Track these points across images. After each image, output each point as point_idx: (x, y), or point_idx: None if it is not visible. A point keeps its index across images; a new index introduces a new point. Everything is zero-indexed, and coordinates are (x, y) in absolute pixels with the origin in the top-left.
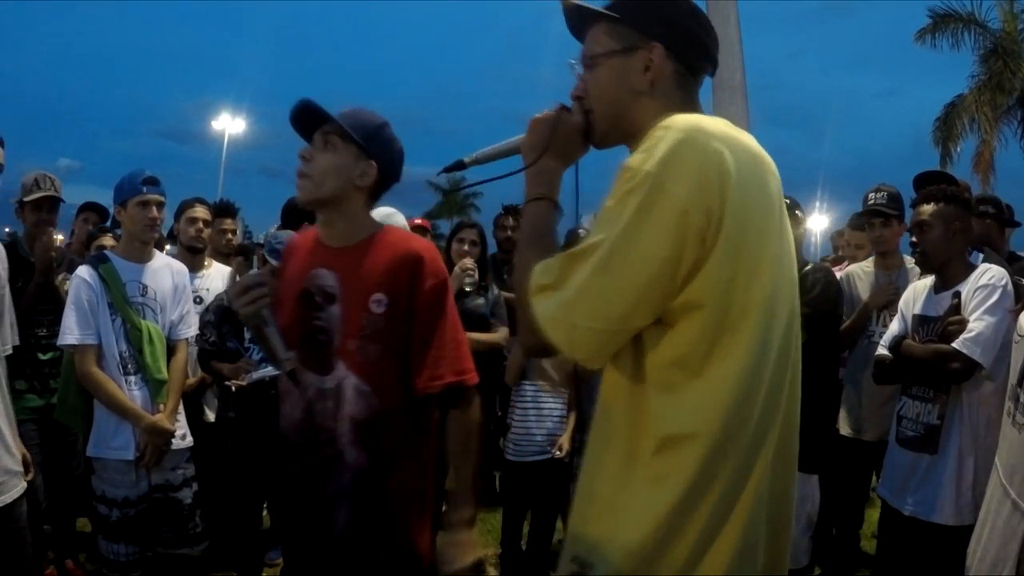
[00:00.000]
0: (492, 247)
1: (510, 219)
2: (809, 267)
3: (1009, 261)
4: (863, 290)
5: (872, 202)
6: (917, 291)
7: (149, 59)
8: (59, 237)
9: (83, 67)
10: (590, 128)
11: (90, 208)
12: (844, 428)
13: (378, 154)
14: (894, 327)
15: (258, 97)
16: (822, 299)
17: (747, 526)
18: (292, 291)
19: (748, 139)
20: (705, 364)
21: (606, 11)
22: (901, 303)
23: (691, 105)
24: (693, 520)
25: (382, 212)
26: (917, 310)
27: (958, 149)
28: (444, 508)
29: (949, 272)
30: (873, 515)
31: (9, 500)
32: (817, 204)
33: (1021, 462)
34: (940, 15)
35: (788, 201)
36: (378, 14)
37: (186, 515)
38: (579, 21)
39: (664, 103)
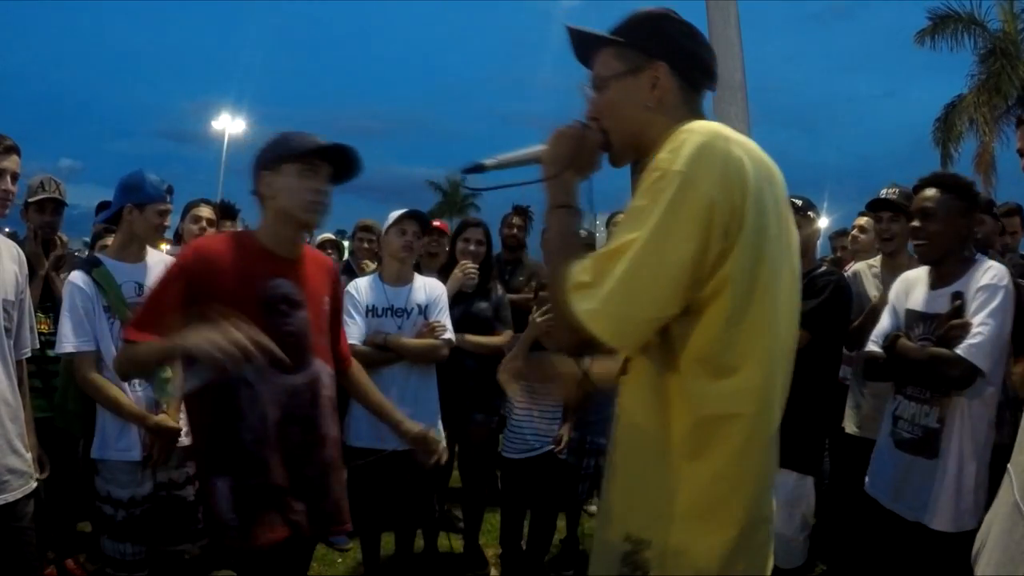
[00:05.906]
0: (496, 245)
1: (517, 218)
2: (821, 269)
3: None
4: (869, 288)
5: (883, 195)
6: (909, 283)
7: (149, 59)
8: (63, 237)
9: (83, 67)
10: (608, 145)
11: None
12: (850, 427)
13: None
14: (885, 322)
15: (258, 97)
16: (831, 302)
17: (766, 498)
18: (250, 299)
19: (758, 148)
20: (733, 347)
21: (612, 36)
22: (892, 295)
23: (698, 117)
24: (738, 494)
25: (397, 214)
26: (912, 305)
27: (958, 149)
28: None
29: (946, 267)
30: None
31: (12, 499)
32: (817, 205)
33: None
34: (939, 16)
35: (801, 201)
36: (378, 14)
37: (189, 512)
38: (585, 47)
39: (672, 117)
